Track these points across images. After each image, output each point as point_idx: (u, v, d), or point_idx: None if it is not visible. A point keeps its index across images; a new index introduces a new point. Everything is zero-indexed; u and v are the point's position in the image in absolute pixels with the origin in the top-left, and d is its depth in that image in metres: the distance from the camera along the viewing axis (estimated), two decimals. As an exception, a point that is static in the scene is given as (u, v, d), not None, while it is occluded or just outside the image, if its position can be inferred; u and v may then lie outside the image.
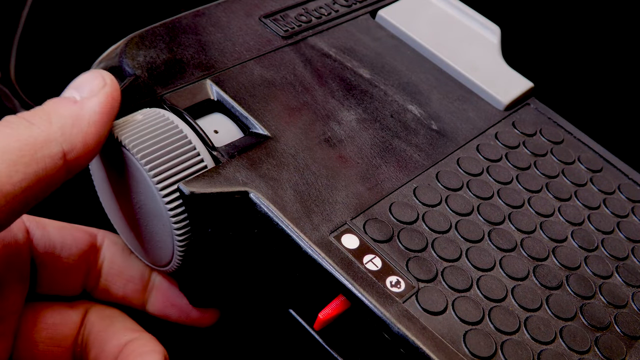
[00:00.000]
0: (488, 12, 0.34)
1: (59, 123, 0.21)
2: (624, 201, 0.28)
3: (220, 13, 0.29)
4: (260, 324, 0.28)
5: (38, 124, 0.21)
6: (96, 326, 0.27)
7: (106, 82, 0.23)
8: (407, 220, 0.24)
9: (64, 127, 0.21)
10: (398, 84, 0.29)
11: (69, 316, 0.27)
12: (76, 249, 0.27)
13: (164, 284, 0.29)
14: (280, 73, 0.28)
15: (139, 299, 0.29)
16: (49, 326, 0.27)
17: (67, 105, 0.22)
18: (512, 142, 0.28)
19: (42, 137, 0.21)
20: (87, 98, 0.22)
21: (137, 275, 0.28)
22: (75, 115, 0.22)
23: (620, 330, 0.23)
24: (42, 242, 0.27)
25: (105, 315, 0.27)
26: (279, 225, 0.22)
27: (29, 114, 0.21)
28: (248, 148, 0.24)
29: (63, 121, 0.21)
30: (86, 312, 0.27)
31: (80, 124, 0.21)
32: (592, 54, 0.46)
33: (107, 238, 0.29)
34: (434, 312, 0.22)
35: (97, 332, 0.27)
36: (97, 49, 0.28)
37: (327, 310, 0.22)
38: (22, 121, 0.21)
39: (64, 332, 0.27)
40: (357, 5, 0.32)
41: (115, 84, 0.23)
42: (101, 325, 0.27)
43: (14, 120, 0.21)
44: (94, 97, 0.22)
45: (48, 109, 0.22)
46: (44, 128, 0.21)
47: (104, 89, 0.23)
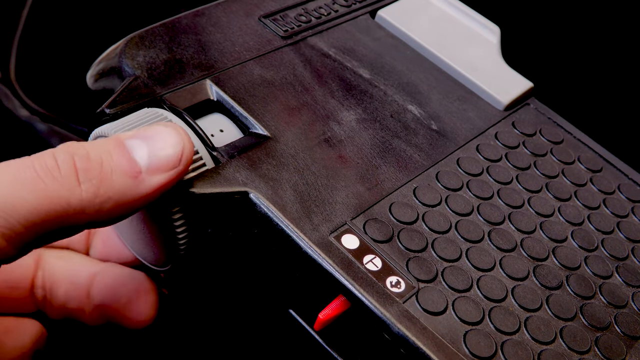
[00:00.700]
0: (488, 12, 0.34)
1: (104, 198, 0.19)
2: (624, 201, 0.28)
3: (220, 13, 0.29)
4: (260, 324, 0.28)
5: (84, 187, 0.19)
6: (57, 266, 0.27)
7: (182, 161, 0.21)
8: (407, 220, 0.24)
9: (106, 202, 0.19)
10: (398, 84, 0.29)
11: (22, 259, 0.27)
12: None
13: (104, 230, 0.28)
14: (280, 73, 0.28)
15: (81, 243, 0.28)
16: (4, 270, 0.26)
17: (126, 175, 0.20)
18: (512, 142, 0.28)
19: (79, 206, 0.19)
20: (151, 172, 0.20)
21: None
22: (125, 192, 0.20)
23: (620, 330, 0.23)
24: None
25: (63, 256, 0.27)
26: (279, 225, 0.22)
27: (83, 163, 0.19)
28: (248, 148, 0.24)
29: (109, 197, 0.19)
30: (40, 256, 0.27)
31: (123, 200, 0.20)
32: (592, 54, 0.46)
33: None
34: (434, 312, 0.22)
35: (61, 269, 0.26)
36: (97, 49, 0.28)
37: (327, 311, 0.22)
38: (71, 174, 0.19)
39: (19, 274, 0.26)
40: (356, 5, 0.32)
41: (189, 162, 0.21)
42: (62, 264, 0.27)
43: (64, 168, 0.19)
44: (160, 175, 0.20)
45: (105, 170, 0.19)
46: (85, 197, 0.19)
47: (174, 170, 0.20)
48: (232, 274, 0.26)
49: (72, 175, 0.19)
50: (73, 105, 0.40)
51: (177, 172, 0.21)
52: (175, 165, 0.21)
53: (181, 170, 0.21)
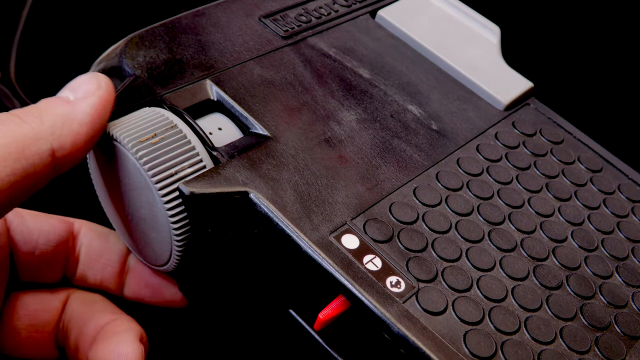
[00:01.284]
0: (488, 12, 0.34)
1: (50, 122, 0.21)
2: (624, 201, 0.28)
3: (220, 13, 0.29)
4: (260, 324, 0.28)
5: (29, 121, 0.21)
6: (77, 310, 0.27)
7: (101, 85, 0.23)
8: (407, 220, 0.24)
9: (55, 126, 0.21)
10: (398, 84, 0.29)
11: (50, 302, 0.27)
12: (54, 236, 0.28)
13: (138, 266, 0.29)
14: (280, 73, 0.28)
15: (116, 283, 0.29)
16: (31, 313, 0.27)
17: (60, 104, 0.22)
18: (512, 142, 0.28)
19: (31, 134, 0.21)
20: (80, 99, 0.22)
21: (114, 259, 0.29)
22: (66, 115, 0.22)
23: (620, 330, 0.23)
24: (19, 231, 0.27)
25: (86, 300, 0.28)
26: (279, 225, 0.22)
27: (22, 111, 0.22)
28: (248, 148, 0.24)
29: (54, 120, 0.21)
30: (67, 298, 0.28)
31: (71, 123, 0.22)
32: (592, 54, 0.46)
33: (84, 225, 0.29)
34: (434, 312, 0.22)
35: (78, 315, 0.27)
36: (97, 49, 0.28)
37: (327, 311, 0.22)
38: (14, 118, 0.21)
39: (45, 318, 0.27)
40: (357, 5, 0.32)
41: (111, 87, 0.23)
42: (81, 309, 0.27)
43: (6, 117, 0.21)
44: (88, 98, 0.22)
45: (41, 108, 0.22)
46: (34, 126, 0.21)
47: (98, 92, 0.23)
48: (232, 274, 0.26)
49: (15, 117, 0.21)
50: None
51: (103, 92, 0.23)
52: (97, 88, 0.23)
53: (106, 91, 0.23)
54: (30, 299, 0.27)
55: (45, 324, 0.27)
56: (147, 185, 0.23)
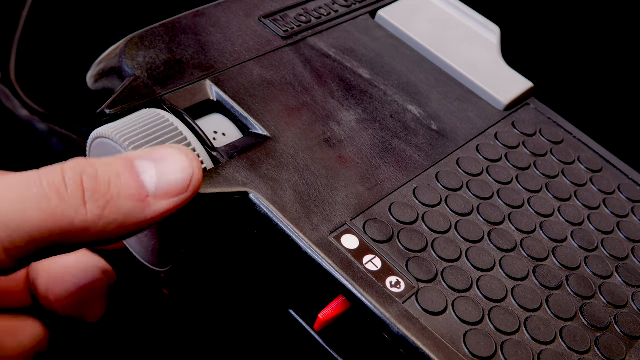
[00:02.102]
0: (488, 12, 0.34)
1: (109, 220, 0.19)
2: (624, 201, 0.28)
3: (220, 13, 0.29)
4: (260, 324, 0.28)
5: (90, 207, 0.19)
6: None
7: (190, 187, 0.20)
8: (407, 220, 0.24)
9: (111, 224, 0.19)
10: (398, 84, 0.29)
11: None
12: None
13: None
14: (280, 73, 0.28)
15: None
16: None
17: (133, 199, 0.19)
18: (512, 142, 0.28)
19: (82, 226, 0.19)
20: (159, 198, 0.20)
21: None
22: (131, 215, 0.19)
23: (620, 330, 0.23)
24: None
25: None
26: (278, 225, 0.22)
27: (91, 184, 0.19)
28: (248, 148, 0.24)
29: (114, 219, 0.19)
30: None
31: (129, 222, 0.19)
32: (592, 54, 0.46)
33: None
34: (434, 313, 0.22)
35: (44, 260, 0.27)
36: (97, 49, 0.28)
37: (327, 311, 0.22)
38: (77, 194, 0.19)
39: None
40: (356, 6, 0.32)
41: (197, 188, 0.21)
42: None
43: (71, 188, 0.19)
44: (167, 201, 0.20)
45: (113, 193, 0.19)
46: (90, 218, 0.19)
47: (182, 196, 0.20)
48: (232, 274, 0.26)
49: (79, 194, 0.19)
50: (73, 105, 0.40)
51: (185, 197, 0.20)
52: (183, 191, 0.20)
53: (189, 197, 0.20)
54: None
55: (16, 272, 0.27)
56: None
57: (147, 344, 0.32)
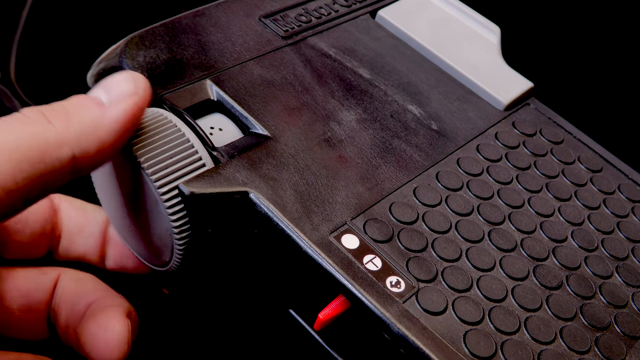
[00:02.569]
0: (488, 12, 0.34)
1: (77, 127, 0.20)
2: (624, 201, 0.28)
3: (220, 13, 0.30)
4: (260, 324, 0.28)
5: (55, 123, 0.20)
6: (67, 289, 0.27)
7: (138, 89, 0.22)
8: (407, 220, 0.24)
9: (81, 132, 0.20)
10: (398, 84, 0.29)
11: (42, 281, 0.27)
12: (40, 212, 0.27)
13: (119, 238, 0.29)
14: (280, 73, 0.28)
15: (98, 255, 0.29)
16: (23, 293, 0.26)
17: (90, 107, 0.21)
18: (512, 142, 0.28)
19: (55, 139, 0.20)
20: (113, 103, 0.21)
21: (95, 232, 0.28)
22: (95, 121, 0.21)
23: (620, 330, 0.23)
24: None
25: (77, 279, 0.27)
26: (279, 225, 0.22)
27: (49, 110, 0.21)
28: (248, 148, 0.24)
29: (82, 125, 0.20)
30: (58, 277, 0.27)
31: (98, 130, 0.21)
32: (592, 54, 0.46)
33: (63, 199, 0.29)
34: (434, 312, 0.22)
35: (68, 294, 0.27)
36: (97, 49, 0.28)
37: (327, 311, 0.22)
38: (40, 117, 0.20)
39: (37, 298, 0.27)
40: (357, 5, 0.32)
41: (147, 92, 0.22)
42: (72, 288, 0.27)
43: (31, 114, 0.20)
44: (121, 103, 0.21)
45: (69, 109, 0.21)
46: (59, 129, 0.20)
47: (133, 97, 0.21)
48: (232, 274, 0.26)
49: (41, 117, 0.20)
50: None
51: (138, 98, 0.22)
52: (133, 93, 0.22)
53: (141, 97, 0.22)
54: (22, 279, 0.27)
55: (38, 304, 0.27)
56: (148, 186, 0.23)
57: (147, 344, 0.32)
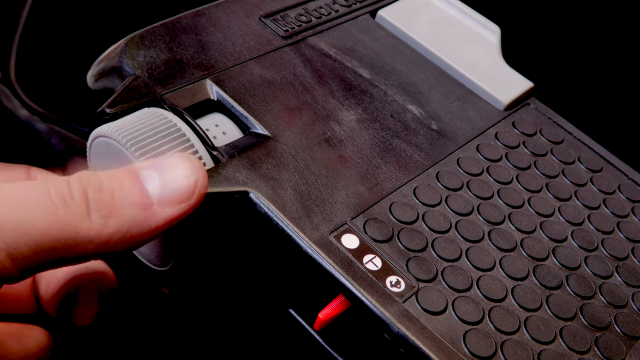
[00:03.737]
0: (488, 12, 0.34)
1: (113, 229, 0.19)
2: (624, 201, 0.28)
3: (220, 13, 0.30)
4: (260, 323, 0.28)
5: (93, 217, 0.19)
6: None
7: (194, 194, 0.20)
8: (407, 220, 0.24)
9: (115, 234, 0.19)
10: (398, 83, 0.29)
11: None
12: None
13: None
14: (280, 73, 0.28)
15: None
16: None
17: (137, 205, 0.19)
18: (512, 142, 0.28)
19: (87, 237, 0.19)
20: (163, 205, 0.20)
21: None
22: (135, 224, 0.19)
23: (620, 330, 0.23)
24: None
25: None
26: (279, 225, 0.22)
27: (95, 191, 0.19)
28: (248, 148, 0.24)
29: (118, 228, 0.19)
30: None
31: (132, 234, 0.19)
32: (592, 54, 0.46)
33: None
34: (434, 312, 0.22)
35: None
36: (97, 49, 0.28)
37: (327, 310, 0.22)
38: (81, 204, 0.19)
39: None
40: (357, 5, 0.32)
41: (202, 196, 0.20)
42: None
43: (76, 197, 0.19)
44: (171, 208, 0.20)
45: (116, 199, 0.19)
46: (95, 228, 0.19)
47: (187, 203, 0.20)
48: (232, 274, 0.26)
49: (84, 204, 0.19)
50: (73, 105, 0.40)
51: (190, 205, 0.20)
52: (188, 198, 0.20)
53: (193, 204, 0.20)
54: None
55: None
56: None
57: (147, 344, 0.32)
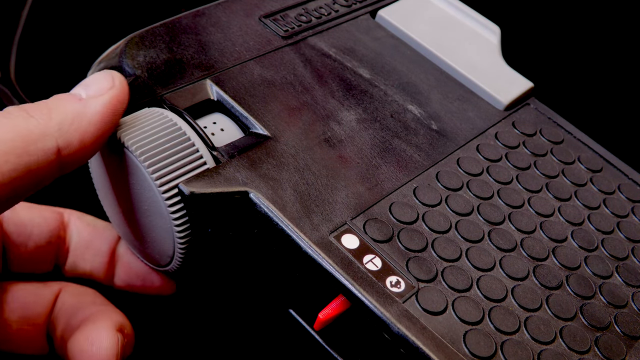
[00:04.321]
0: (488, 12, 0.34)
1: (58, 118, 0.21)
2: (624, 201, 0.28)
3: (220, 13, 0.30)
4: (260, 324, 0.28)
5: (37, 116, 0.21)
6: (67, 303, 0.27)
7: (115, 84, 0.23)
8: (407, 220, 0.24)
9: (63, 123, 0.21)
10: (398, 84, 0.29)
11: (42, 295, 0.27)
12: (46, 226, 0.28)
13: (127, 256, 0.29)
14: (280, 73, 0.28)
15: (105, 272, 0.29)
16: (23, 305, 0.26)
17: (70, 101, 0.22)
18: (512, 142, 0.28)
19: (37, 130, 0.21)
20: (92, 97, 0.22)
21: (103, 249, 0.29)
22: (76, 113, 0.22)
23: (620, 330, 0.23)
24: (12, 222, 0.27)
25: (77, 293, 0.27)
26: (279, 225, 0.22)
27: (31, 106, 0.21)
28: (248, 148, 0.24)
29: (63, 117, 0.21)
30: (59, 291, 0.27)
31: (80, 122, 0.21)
32: (592, 54, 0.46)
33: (73, 215, 0.29)
34: (434, 312, 0.22)
35: (67, 308, 0.27)
36: (97, 49, 0.28)
37: (327, 310, 0.22)
38: (22, 113, 0.21)
39: (37, 311, 0.27)
40: (357, 5, 0.32)
41: (124, 86, 0.23)
42: (71, 302, 0.27)
43: (14, 111, 0.21)
44: (100, 96, 0.22)
45: (50, 104, 0.22)
46: (41, 122, 0.21)
47: (111, 90, 0.23)
48: (232, 274, 0.26)
49: (23, 112, 0.21)
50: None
51: (116, 91, 0.23)
52: (110, 87, 0.23)
53: (119, 90, 0.23)
54: (23, 292, 0.27)
55: (37, 317, 0.27)
56: (149, 185, 0.23)
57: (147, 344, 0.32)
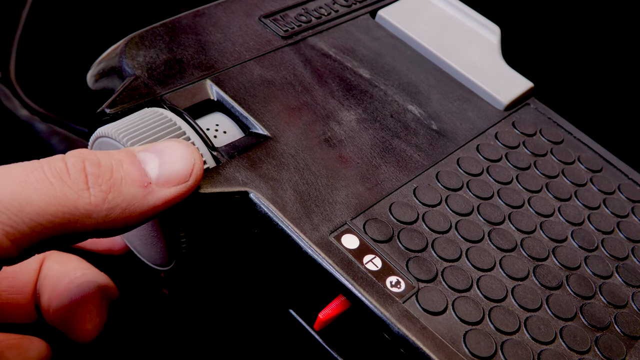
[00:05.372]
0: (488, 12, 0.34)
1: (113, 202, 0.19)
2: (624, 201, 0.28)
3: (220, 13, 0.30)
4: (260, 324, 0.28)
5: (94, 191, 0.19)
6: (51, 270, 0.27)
7: (191, 177, 0.21)
8: (407, 220, 0.24)
9: (114, 209, 0.19)
10: (398, 84, 0.29)
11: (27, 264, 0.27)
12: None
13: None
14: (280, 73, 0.28)
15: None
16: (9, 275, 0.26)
17: (136, 183, 0.20)
18: (512, 142, 0.28)
19: (86, 210, 0.19)
20: (161, 185, 0.20)
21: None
22: (134, 200, 0.20)
23: (620, 330, 0.23)
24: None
25: (61, 260, 0.27)
26: (279, 225, 0.22)
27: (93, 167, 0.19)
28: (248, 148, 0.24)
29: (118, 202, 0.19)
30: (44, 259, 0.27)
31: (133, 209, 0.20)
32: (592, 53, 0.46)
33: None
34: (434, 312, 0.22)
35: (51, 275, 0.27)
36: (97, 49, 0.28)
37: (327, 310, 0.22)
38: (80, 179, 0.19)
39: (23, 280, 0.27)
40: (357, 5, 0.32)
41: (200, 177, 0.21)
42: (55, 269, 0.27)
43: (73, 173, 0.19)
44: (170, 188, 0.20)
45: (116, 176, 0.19)
46: (94, 202, 0.19)
47: (183, 186, 0.20)
48: (232, 274, 0.26)
49: (81, 178, 0.19)
50: (73, 105, 0.40)
51: (187, 186, 0.21)
52: (185, 179, 0.21)
53: (191, 185, 0.21)
54: None
55: (24, 285, 0.26)
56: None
57: (147, 344, 0.32)
